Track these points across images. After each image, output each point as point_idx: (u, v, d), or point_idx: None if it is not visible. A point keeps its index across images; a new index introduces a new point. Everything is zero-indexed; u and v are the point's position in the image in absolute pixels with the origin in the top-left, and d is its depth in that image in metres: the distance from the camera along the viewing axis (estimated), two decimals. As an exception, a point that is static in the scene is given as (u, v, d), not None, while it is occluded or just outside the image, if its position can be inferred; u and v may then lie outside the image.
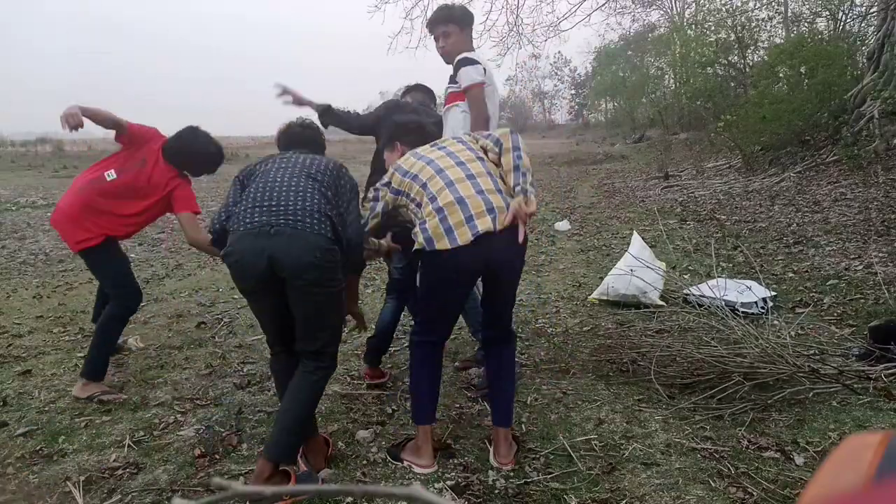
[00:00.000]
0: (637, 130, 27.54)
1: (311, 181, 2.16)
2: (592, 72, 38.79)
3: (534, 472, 2.17)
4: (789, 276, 4.61)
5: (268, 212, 2.06)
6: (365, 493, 0.47)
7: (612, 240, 6.57)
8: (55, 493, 2.14)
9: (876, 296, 3.85)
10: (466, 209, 2.07)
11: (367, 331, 3.01)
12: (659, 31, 26.61)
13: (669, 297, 4.17)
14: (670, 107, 23.92)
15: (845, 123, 9.67)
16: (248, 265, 2.04)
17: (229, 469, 2.26)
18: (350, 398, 2.83)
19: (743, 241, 5.82)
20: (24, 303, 4.75)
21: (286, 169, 2.20)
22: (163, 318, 4.26)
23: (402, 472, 2.21)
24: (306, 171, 2.19)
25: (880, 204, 6.65)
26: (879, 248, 5.02)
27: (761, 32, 17.17)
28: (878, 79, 9.33)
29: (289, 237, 2.01)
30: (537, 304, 4.29)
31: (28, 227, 8.36)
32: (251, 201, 2.11)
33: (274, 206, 2.07)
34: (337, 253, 2.09)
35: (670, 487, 2.03)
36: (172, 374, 3.22)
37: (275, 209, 2.06)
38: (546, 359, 3.27)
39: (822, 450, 2.20)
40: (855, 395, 2.56)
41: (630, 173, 14.60)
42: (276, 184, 2.14)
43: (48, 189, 13.19)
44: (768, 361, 2.68)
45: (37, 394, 2.99)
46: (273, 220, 2.04)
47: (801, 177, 9.17)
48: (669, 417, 2.52)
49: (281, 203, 2.08)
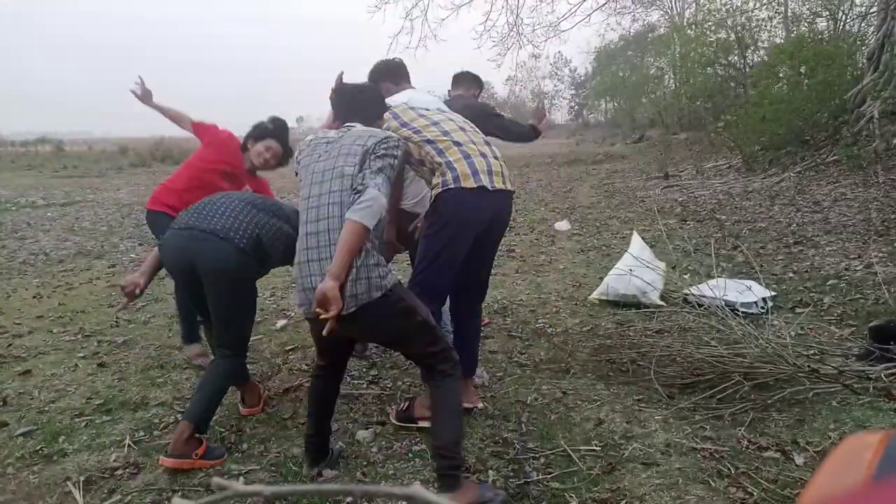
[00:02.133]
0: (637, 130, 27.52)
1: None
2: (592, 72, 38.75)
3: (534, 472, 2.17)
4: (789, 276, 4.61)
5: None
6: (365, 493, 0.47)
7: (612, 240, 6.57)
8: (55, 493, 2.14)
9: (876, 296, 3.85)
10: (484, 163, 2.28)
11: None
12: (659, 31, 26.59)
13: (669, 297, 4.17)
14: (670, 107, 23.88)
15: (845, 123, 9.67)
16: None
17: (229, 469, 2.26)
18: (350, 398, 2.83)
19: (743, 241, 5.82)
20: (24, 303, 4.75)
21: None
22: (163, 318, 4.26)
23: (402, 471, 2.21)
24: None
25: (880, 204, 6.65)
26: (879, 248, 5.02)
27: (761, 32, 17.18)
28: (878, 79, 9.33)
29: None
30: (537, 304, 4.29)
31: (28, 227, 8.36)
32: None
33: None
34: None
35: (670, 487, 2.03)
36: (172, 374, 3.22)
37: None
38: (546, 359, 3.27)
39: (822, 450, 2.20)
40: (855, 395, 2.56)
41: (630, 173, 14.59)
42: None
43: (48, 189, 13.19)
44: (768, 361, 2.68)
45: (37, 394, 2.99)
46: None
47: (801, 177, 9.17)
48: (669, 417, 2.52)
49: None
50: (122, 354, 3.52)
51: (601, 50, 32.67)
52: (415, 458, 2.30)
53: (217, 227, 2.34)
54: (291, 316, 4.15)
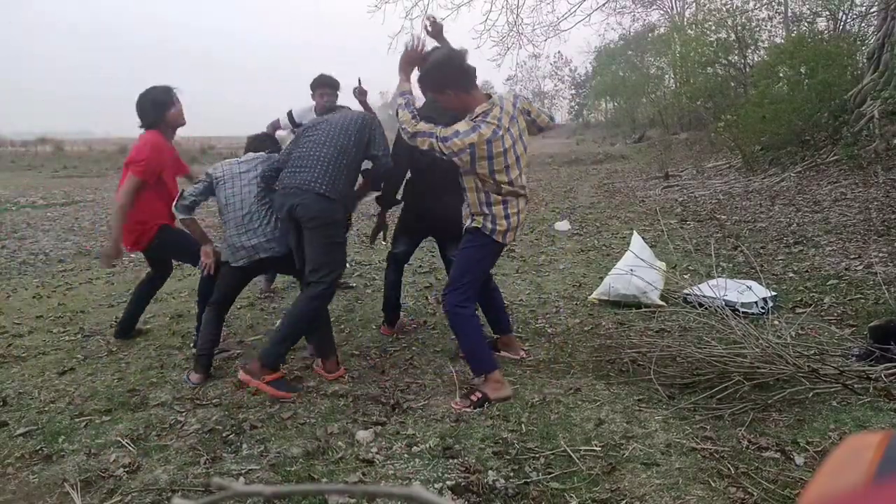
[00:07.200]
0: (637, 130, 27.55)
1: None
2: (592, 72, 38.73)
3: (534, 472, 2.17)
4: (789, 276, 4.61)
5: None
6: (365, 493, 0.47)
7: (612, 240, 6.57)
8: (55, 493, 2.14)
9: (876, 296, 3.85)
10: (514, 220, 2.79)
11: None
12: (659, 31, 26.59)
13: (669, 297, 4.17)
14: (670, 107, 23.87)
15: (845, 123, 9.66)
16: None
17: (229, 469, 2.26)
18: (350, 398, 2.83)
19: (743, 241, 5.82)
20: (24, 303, 4.75)
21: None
22: (163, 318, 4.26)
23: (402, 472, 2.21)
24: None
25: (880, 204, 6.65)
26: (879, 248, 5.02)
27: (761, 32, 17.17)
28: (878, 79, 9.33)
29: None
30: (537, 304, 4.29)
31: (28, 227, 8.37)
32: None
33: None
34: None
35: (670, 487, 2.03)
36: (172, 374, 3.22)
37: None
38: (546, 359, 3.27)
39: (822, 450, 2.20)
40: (855, 395, 2.56)
41: (630, 173, 14.60)
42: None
43: (48, 189, 13.20)
44: (768, 361, 2.68)
45: (37, 394, 2.99)
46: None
47: (801, 177, 9.17)
48: (669, 417, 2.51)
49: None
50: (122, 354, 3.52)
51: (601, 50, 32.68)
52: (415, 458, 2.30)
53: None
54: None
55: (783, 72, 12.29)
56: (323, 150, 2.96)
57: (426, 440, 2.41)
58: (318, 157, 2.93)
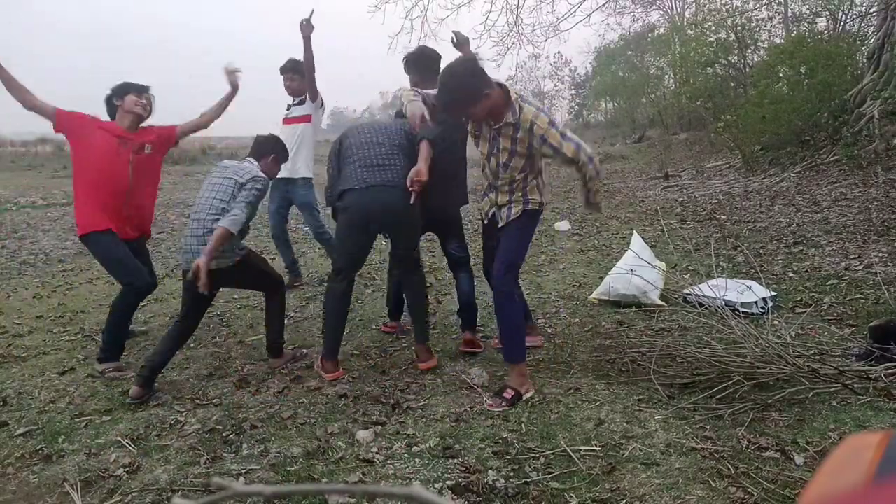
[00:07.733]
0: (637, 130, 27.51)
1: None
2: (592, 72, 38.70)
3: (534, 472, 2.17)
4: (789, 276, 4.60)
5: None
6: (365, 493, 0.47)
7: (612, 240, 6.57)
8: (55, 493, 2.14)
9: (876, 296, 3.85)
10: None
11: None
12: (659, 31, 26.57)
13: (669, 297, 4.17)
14: (670, 107, 23.85)
15: (845, 123, 9.66)
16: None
17: (229, 469, 2.26)
18: (350, 398, 2.83)
19: (743, 241, 5.82)
20: (24, 303, 4.75)
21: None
22: (163, 318, 4.26)
23: (403, 471, 2.21)
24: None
25: (880, 204, 6.65)
26: (879, 248, 5.02)
27: (761, 32, 17.14)
28: (878, 79, 9.33)
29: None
30: (537, 304, 4.28)
31: (28, 227, 8.37)
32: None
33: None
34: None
35: (670, 487, 2.03)
36: (172, 374, 3.22)
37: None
38: (546, 359, 3.27)
39: (822, 450, 2.20)
40: (855, 395, 2.56)
41: (630, 173, 14.59)
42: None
43: (48, 189, 13.19)
44: (768, 361, 2.68)
45: (37, 394, 2.99)
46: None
47: (801, 177, 9.17)
48: (669, 417, 2.51)
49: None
50: (122, 354, 3.52)
51: (601, 50, 32.65)
52: (415, 458, 2.30)
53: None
54: (290, 316, 4.15)
55: (783, 72, 12.28)
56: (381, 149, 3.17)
57: (426, 440, 2.41)
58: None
